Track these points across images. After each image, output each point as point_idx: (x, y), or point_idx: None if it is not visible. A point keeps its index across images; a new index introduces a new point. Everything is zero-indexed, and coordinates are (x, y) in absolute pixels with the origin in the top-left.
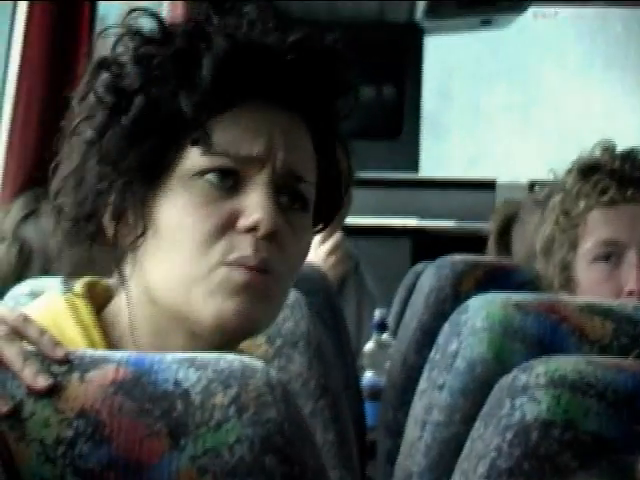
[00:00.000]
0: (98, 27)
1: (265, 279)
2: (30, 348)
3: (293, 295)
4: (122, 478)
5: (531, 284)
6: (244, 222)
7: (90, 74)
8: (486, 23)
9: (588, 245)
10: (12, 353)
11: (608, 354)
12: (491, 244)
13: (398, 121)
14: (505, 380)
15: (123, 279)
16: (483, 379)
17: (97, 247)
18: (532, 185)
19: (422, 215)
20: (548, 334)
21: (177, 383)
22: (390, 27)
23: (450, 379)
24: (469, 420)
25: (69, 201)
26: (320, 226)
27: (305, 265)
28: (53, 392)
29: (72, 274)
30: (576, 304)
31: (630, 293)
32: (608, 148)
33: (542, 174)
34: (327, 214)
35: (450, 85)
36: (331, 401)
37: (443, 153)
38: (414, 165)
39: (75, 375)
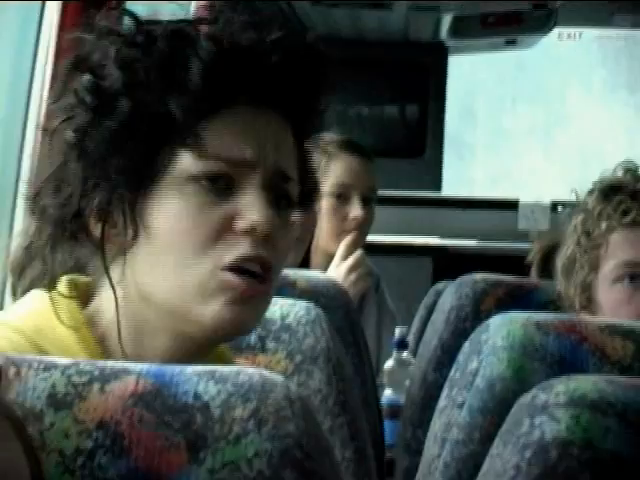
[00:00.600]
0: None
1: (262, 288)
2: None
3: (313, 311)
4: None
5: (552, 304)
6: (241, 224)
7: (66, 73)
8: (511, 43)
9: (609, 266)
10: None
11: (629, 375)
12: (534, 272)
13: (421, 140)
14: (525, 398)
15: (109, 280)
16: (503, 398)
17: (81, 247)
18: (554, 205)
19: (444, 234)
20: (568, 354)
21: (197, 396)
22: (414, 45)
23: (470, 397)
24: (488, 439)
25: (51, 202)
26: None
27: (326, 281)
28: (73, 403)
29: (55, 273)
30: (597, 324)
31: None
32: (630, 169)
33: (565, 195)
34: (301, 206)
35: (473, 105)
36: (350, 418)
37: (466, 172)
38: (437, 184)
39: (95, 386)
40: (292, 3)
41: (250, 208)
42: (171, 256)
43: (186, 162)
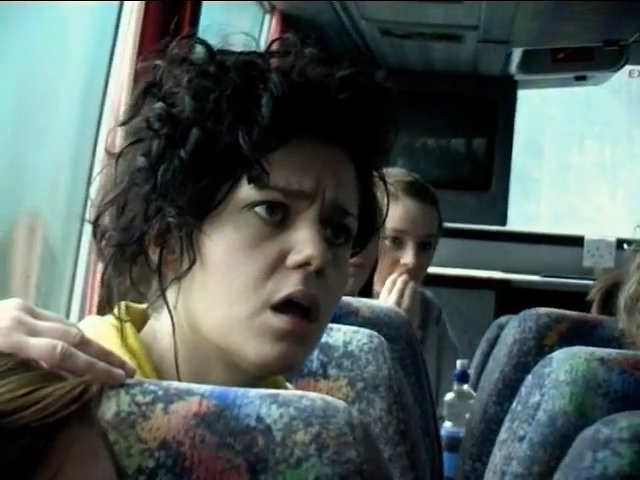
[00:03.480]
0: (201, 27)
1: (308, 327)
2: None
3: (376, 340)
4: None
5: (615, 341)
6: (295, 258)
7: (137, 98)
8: (580, 79)
9: None
10: (81, 361)
11: None
12: (594, 309)
13: (487, 173)
14: (587, 433)
15: (166, 304)
16: (564, 432)
17: (139, 271)
18: (620, 243)
19: (508, 268)
20: (632, 390)
21: (259, 419)
22: (483, 79)
23: (531, 431)
24: (548, 473)
25: (112, 225)
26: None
27: (388, 310)
28: (136, 422)
29: (113, 298)
30: None
31: None
32: None
33: (631, 232)
34: (362, 241)
35: (541, 140)
36: (410, 447)
37: (531, 208)
38: (502, 218)
39: (159, 406)
40: (363, 34)
41: (304, 242)
42: (222, 288)
43: (245, 191)
